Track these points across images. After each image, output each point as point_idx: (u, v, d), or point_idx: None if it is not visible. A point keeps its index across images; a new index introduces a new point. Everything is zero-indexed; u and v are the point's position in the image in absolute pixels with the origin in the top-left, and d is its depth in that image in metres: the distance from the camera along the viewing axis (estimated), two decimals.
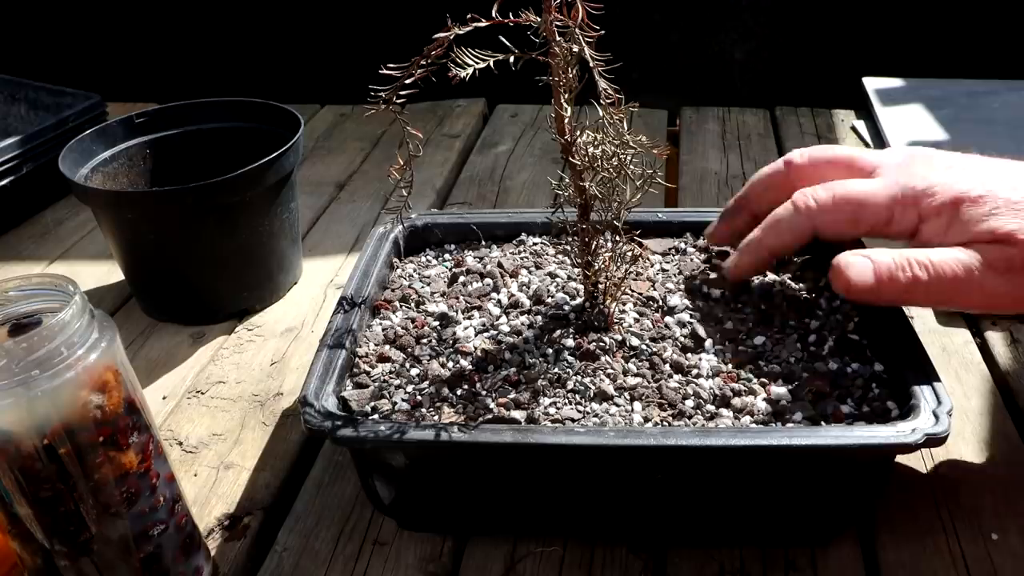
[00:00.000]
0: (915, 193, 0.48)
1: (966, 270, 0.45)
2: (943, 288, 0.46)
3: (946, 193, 0.47)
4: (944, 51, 1.14)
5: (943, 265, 0.46)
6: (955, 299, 0.47)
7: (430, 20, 0.44)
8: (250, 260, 0.70)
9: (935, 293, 0.46)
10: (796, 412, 0.46)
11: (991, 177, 0.47)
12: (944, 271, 0.46)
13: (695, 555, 0.47)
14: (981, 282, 0.45)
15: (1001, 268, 0.45)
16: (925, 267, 0.46)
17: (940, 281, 0.45)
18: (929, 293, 0.46)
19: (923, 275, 0.46)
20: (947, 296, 0.46)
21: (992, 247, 0.45)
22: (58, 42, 1.34)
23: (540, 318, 0.53)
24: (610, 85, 0.43)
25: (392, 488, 0.48)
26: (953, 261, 0.46)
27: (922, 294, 0.46)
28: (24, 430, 0.36)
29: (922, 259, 0.46)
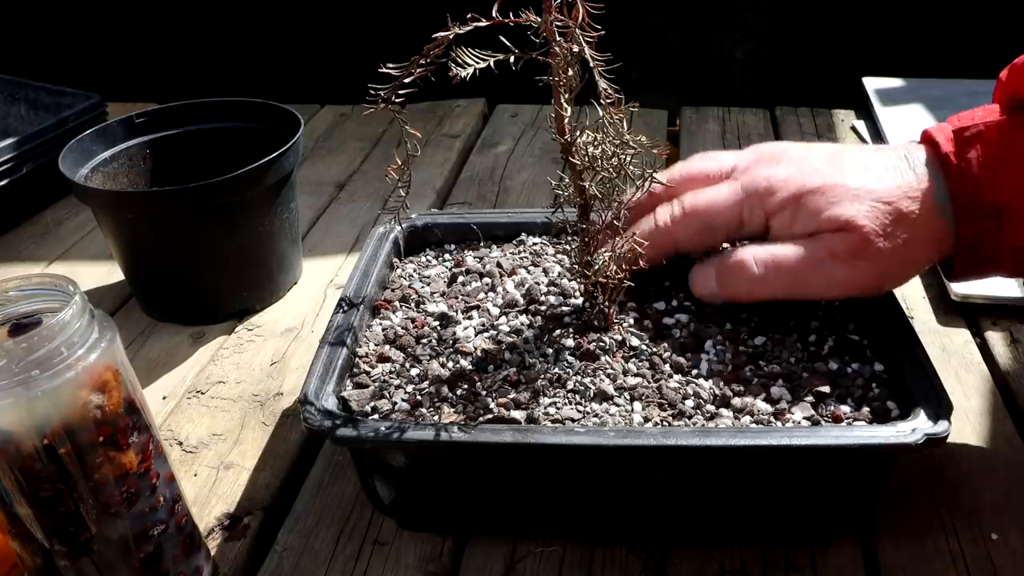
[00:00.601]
0: (758, 192, 0.50)
1: (809, 260, 0.47)
2: (787, 280, 0.48)
3: (788, 188, 0.49)
4: (944, 51, 1.14)
5: (785, 258, 0.48)
6: (801, 289, 0.49)
7: (430, 20, 0.44)
8: (250, 260, 0.70)
9: (781, 286, 0.49)
10: (796, 412, 0.46)
11: (830, 167, 0.49)
12: (787, 263, 0.48)
13: (695, 555, 0.47)
14: (825, 270, 0.47)
15: (844, 255, 0.47)
16: (764, 263, 0.48)
17: (786, 273, 0.48)
18: (774, 286, 0.49)
19: (762, 272, 0.48)
20: (793, 287, 0.49)
21: (835, 235, 0.47)
22: (58, 42, 1.34)
23: (540, 318, 0.53)
24: (610, 85, 0.43)
25: (392, 488, 0.48)
26: (795, 253, 0.48)
27: (768, 288, 0.49)
28: (24, 430, 0.36)
29: (763, 255, 0.49)
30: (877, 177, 0.48)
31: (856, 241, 0.47)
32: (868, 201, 0.47)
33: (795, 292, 0.49)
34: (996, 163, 0.46)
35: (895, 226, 0.47)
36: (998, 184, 0.46)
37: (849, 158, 0.50)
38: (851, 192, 0.47)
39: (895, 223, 0.47)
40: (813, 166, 0.50)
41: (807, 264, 0.48)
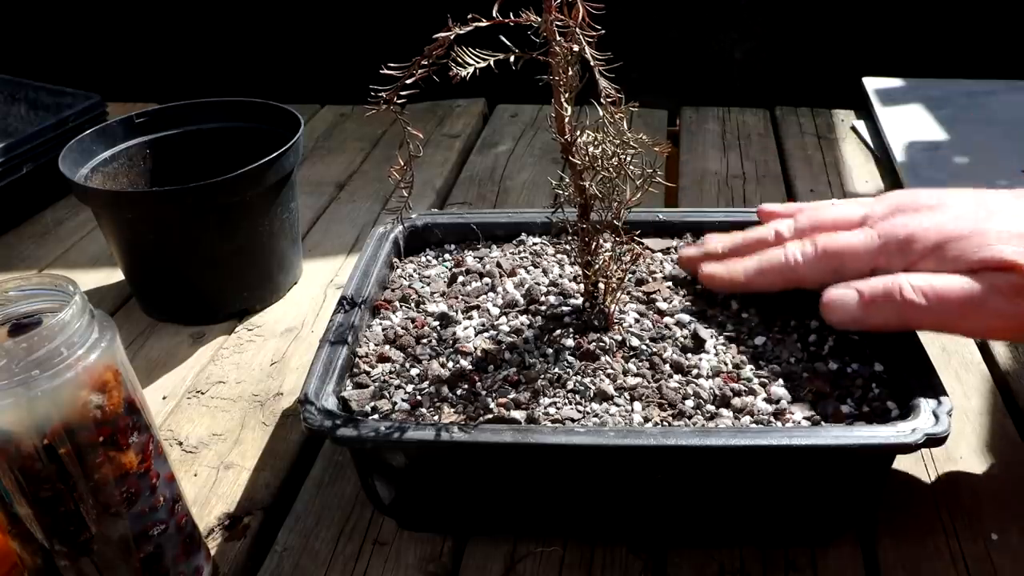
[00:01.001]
0: (898, 241, 0.49)
1: (972, 293, 0.46)
2: (944, 311, 0.46)
3: (929, 237, 0.48)
4: (944, 51, 1.14)
5: (946, 289, 0.46)
6: (959, 323, 0.47)
7: (430, 20, 0.44)
8: (250, 260, 0.70)
9: (935, 315, 0.46)
10: (796, 412, 0.46)
11: (973, 214, 0.48)
12: (947, 294, 0.46)
13: (695, 555, 0.47)
14: (988, 306, 0.45)
15: (1008, 292, 0.45)
16: (923, 291, 0.46)
17: (942, 303, 0.46)
18: (931, 318, 0.46)
19: (919, 299, 0.46)
20: (948, 319, 0.47)
21: (995, 274, 0.46)
22: (58, 42, 1.34)
23: (540, 318, 0.53)
24: (610, 85, 0.43)
25: (392, 488, 0.48)
26: (958, 284, 0.46)
27: (924, 318, 0.47)
28: (24, 430, 0.36)
29: (920, 283, 0.46)
30: (1022, 222, 0.47)
31: (1019, 280, 0.45)
32: (1021, 243, 0.46)
33: (952, 325, 0.47)
34: None
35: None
36: None
37: (992, 205, 0.49)
38: (1000, 235, 0.46)
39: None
40: (955, 213, 0.49)
41: (971, 299, 0.46)
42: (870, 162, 0.93)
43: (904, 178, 0.86)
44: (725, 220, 0.62)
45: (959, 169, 0.87)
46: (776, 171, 0.93)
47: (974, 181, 0.85)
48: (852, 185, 0.89)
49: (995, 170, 0.86)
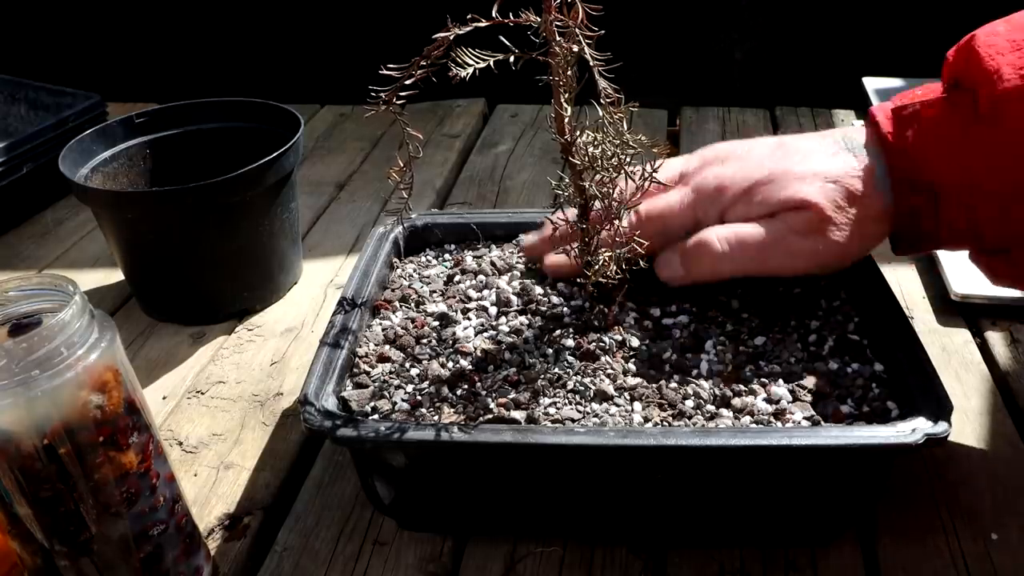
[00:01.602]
0: (709, 193, 0.52)
1: (771, 236, 0.50)
2: (751, 255, 0.50)
3: (737, 183, 0.51)
4: (944, 51, 1.14)
5: (748, 235, 0.50)
6: (765, 264, 0.51)
7: (430, 20, 0.44)
8: (250, 260, 0.70)
9: (745, 262, 0.50)
10: (796, 412, 0.46)
11: (774, 158, 0.52)
12: (747, 239, 0.50)
13: (695, 555, 0.47)
14: (787, 246, 0.50)
15: (804, 230, 0.49)
16: (727, 240, 0.50)
17: (744, 249, 0.50)
18: (739, 263, 0.50)
19: (724, 248, 0.50)
20: (757, 263, 0.50)
21: (793, 213, 0.49)
22: (58, 42, 1.34)
23: (540, 318, 0.53)
24: (610, 85, 0.43)
25: (392, 488, 0.48)
26: (757, 230, 0.50)
27: (732, 264, 0.50)
28: (24, 430, 0.36)
29: (724, 233, 0.50)
30: (821, 161, 0.50)
31: (814, 217, 0.49)
32: (818, 181, 0.49)
33: (759, 268, 0.51)
34: (930, 141, 0.48)
35: (846, 202, 0.49)
36: (932, 161, 0.48)
37: (791, 147, 0.52)
38: (800, 175, 0.50)
39: (845, 200, 0.49)
40: (758, 160, 0.52)
41: (770, 240, 0.50)
42: None
43: None
44: None
45: None
46: None
47: None
48: None
49: None
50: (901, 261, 0.72)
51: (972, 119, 0.47)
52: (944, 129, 0.48)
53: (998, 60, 0.46)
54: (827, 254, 0.50)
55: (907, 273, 0.72)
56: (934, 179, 0.48)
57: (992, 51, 0.46)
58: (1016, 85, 0.45)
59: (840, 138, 0.51)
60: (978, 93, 0.46)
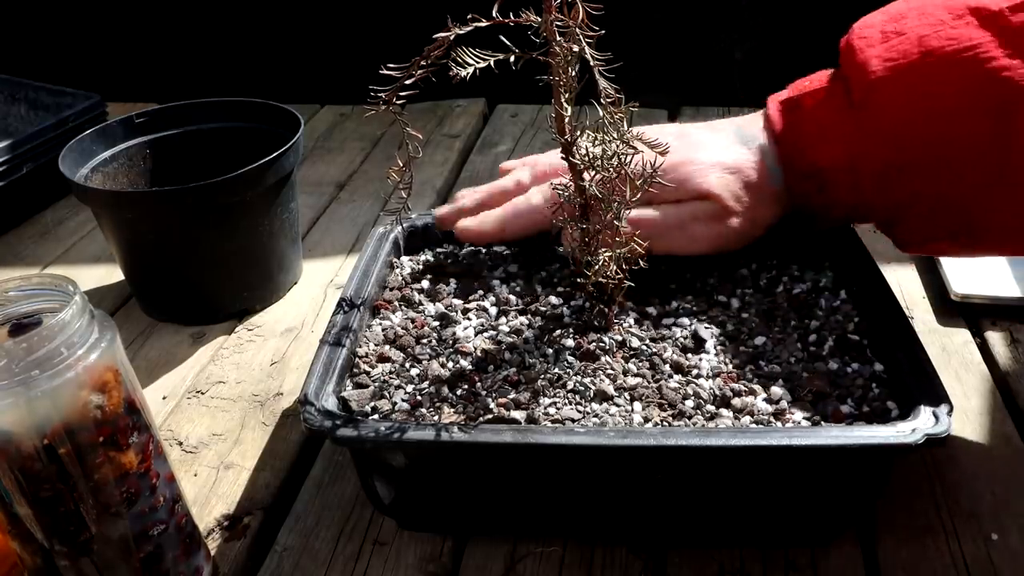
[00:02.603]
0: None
1: (673, 220, 0.54)
2: (647, 235, 0.50)
3: None
4: None
5: (649, 219, 0.53)
6: (662, 244, 0.53)
7: (430, 20, 0.44)
8: (250, 260, 0.70)
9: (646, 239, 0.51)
10: (796, 412, 0.46)
11: (686, 147, 0.55)
12: (647, 222, 0.53)
13: (695, 555, 0.47)
14: (688, 230, 0.54)
15: (705, 218, 0.54)
16: (636, 222, 0.52)
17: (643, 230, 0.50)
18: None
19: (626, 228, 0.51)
20: (654, 242, 0.51)
21: (698, 203, 0.54)
22: (58, 42, 1.34)
23: (540, 318, 0.53)
24: (610, 84, 0.43)
25: (392, 488, 0.48)
26: (659, 214, 0.54)
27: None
28: (24, 430, 0.36)
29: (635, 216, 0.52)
30: (718, 152, 0.55)
31: (716, 207, 0.53)
32: (717, 172, 0.54)
33: (655, 247, 0.52)
34: (813, 128, 0.53)
35: (742, 191, 0.54)
36: (817, 146, 0.52)
37: (692, 139, 0.56)
38: (700, 165, 0.54)
39: (742, 189, 0.54)
40: (674, 147, 0.53)
41: (671, 223, 0.54)
42: None
43: None
44: None
45: None
46: None
47: None
48: None
49: None
50: (901, 261, 0.72)
51: (847, 105, 0.51)
52: (824, 115, 0.53)
53: (867, 52, 0.51)
54: (725, 238, 0.54)
55: (907, 273, 0.72)
56: (819, 162, 0.52)
57: (863, 43, 0.52)
58: (881, 76, 0.50)
59: (734, 131, 0.56)
60: (850, 82, 0.52)
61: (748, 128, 0.56)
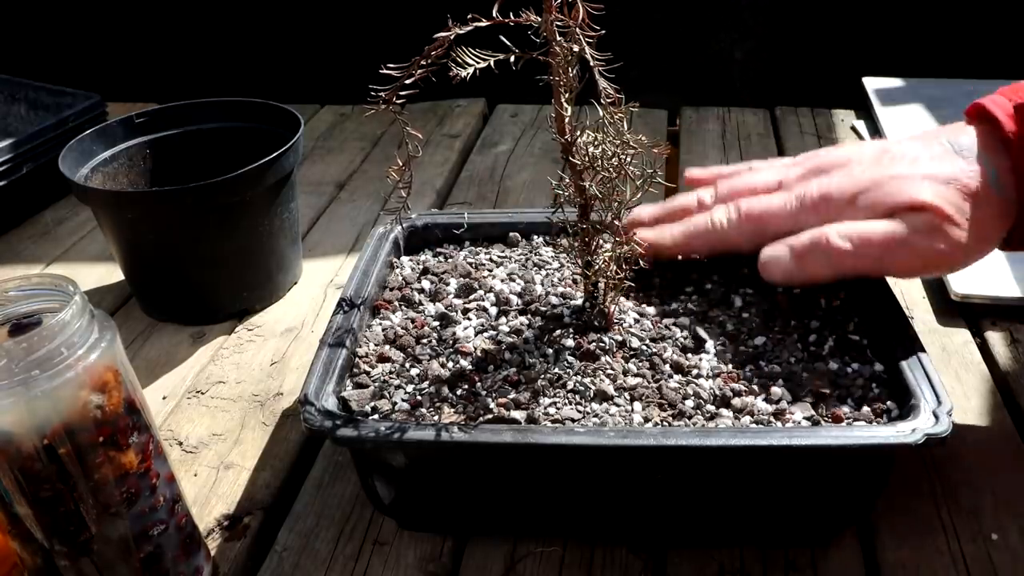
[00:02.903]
0: (814, 201, 0.52)
1: (894, 235, 0.49)
2: (870, 253, 0.49)
3: (842, 193, 0.51)
4: (944, 51, 1.14)
5: (869, 232, 0.49)
6: (887, 264, 0.50)
7: (430, 20, 0.44)
8: (250, 260, 0.70)
9: (862, 259, 0.49)
10: (796, 412, 0.46)
11: (879, 166, 0.51)
12: (871, 236, 0.49)
13: (695, 555, 0.47)
14: (910, 246, 0.49)
15: (925, 230, 0.48)
16: (848, 236, 0.49)
17: (867, 246, 0.49)
18: (861, 262, 0.49)
19: (845, 244, 0.49)
20: (875, 261, 0.49)
21: (911, 215, 0.49)
22: (58, 42, 1.34)
23: (540, 318, 0.53)
24: (610, 85, 0.43)
25: (392, 488, 0.48)
26: (880, 228, 0.49)
27: (853, 263, 0.49)
28: (24, 430, 0.36)
29: (845, 229, 0.49)
30: (929, 164, 0.50)
31: (935, 217, 0.48)
32: (933, 184, 0.49)
33: (878, 267, 0.50)
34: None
35: (963, 204, 0.48)
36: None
37: (896, 153, 0.52)
38: (910, 178, 0.49)
39: (963, 201, 0.48)
40: (862, 168, 0.52)
41: (893, 239, 0.49)
42: None
43: None
44: None
45: None
46: None
47: None
48: None
49: None
50: None
51: None
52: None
53: None
54: (950, 254, 0.49)
55: None
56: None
57: None
58: None
59: (945, 141, 0.51)
60: None
61: (958, 137, 0.51)
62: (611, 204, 0.49)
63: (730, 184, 0.57)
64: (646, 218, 0.58)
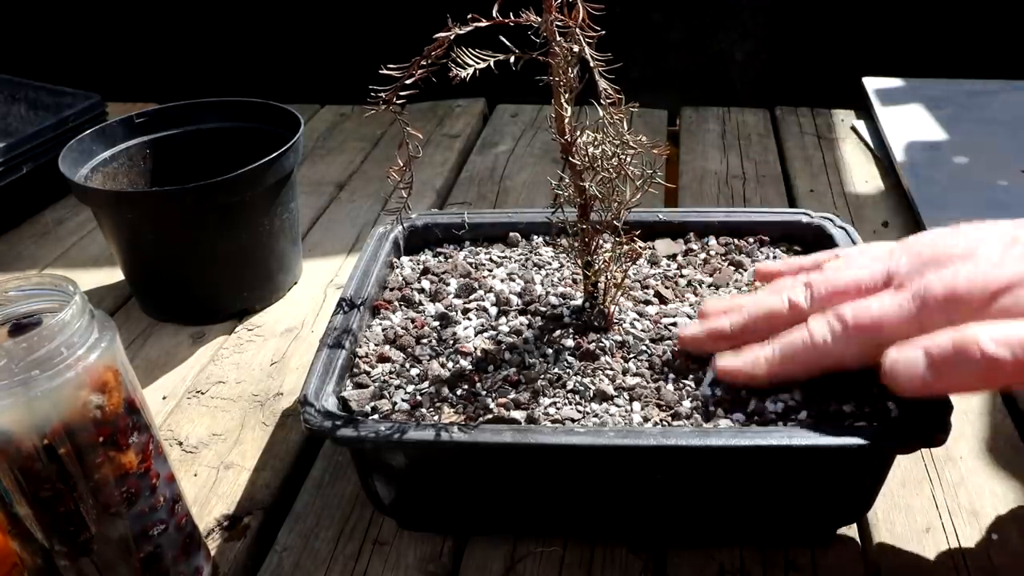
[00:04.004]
0: (938, 302, 0.42)
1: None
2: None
3: (973, 292, 0.42)
4: (944, 51, 1.14)
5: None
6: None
7: (430, 20, 0.44)
8: (250, 260, 0.70)
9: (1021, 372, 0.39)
10: (796, 412, 0.45)
11: (1010, 259, 0.42)
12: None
13: (695, 555, 0.47)
14: None
15: None
16: (1008, 343, 0.38)
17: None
18: (1019, 372, 0.38)
19: (1005, 354, 0.38)
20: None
21: None
22: (58, 42, 1.34)
23: (540, 318, 0.53)
24: (610, 85, 0.43)
25: (392, 488, 0.48)
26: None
27: (1008, 374, 0.39)
28: (24, 430, 0.36)
29: (1002, 334, 0.39)
30: None
31: None
32: None
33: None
34: None
35: None
36: None
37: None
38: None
39: None
40: (992, 259, 0.43)
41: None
42: (870, 162, 0.93)
43: (904, 178, 0.86)
44: (726, 220, 0.62)
45: (959, 169, 0.87)
46: (776, 171, 0.93)
47: (974, 181, 0.85)
48: (852, 185, 0.89)
49: (995, 170, 0.86)
50: None
51: None
52: None
53: None
54: None
55: None
56: None
57: None
58: None
59: None
60: None
61: None
62: (611, 204, 0.49)
63: (826, 281, 0.47)
64: (728, 328, 0.48)
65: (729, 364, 0.46)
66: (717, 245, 0.61)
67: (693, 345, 0.49)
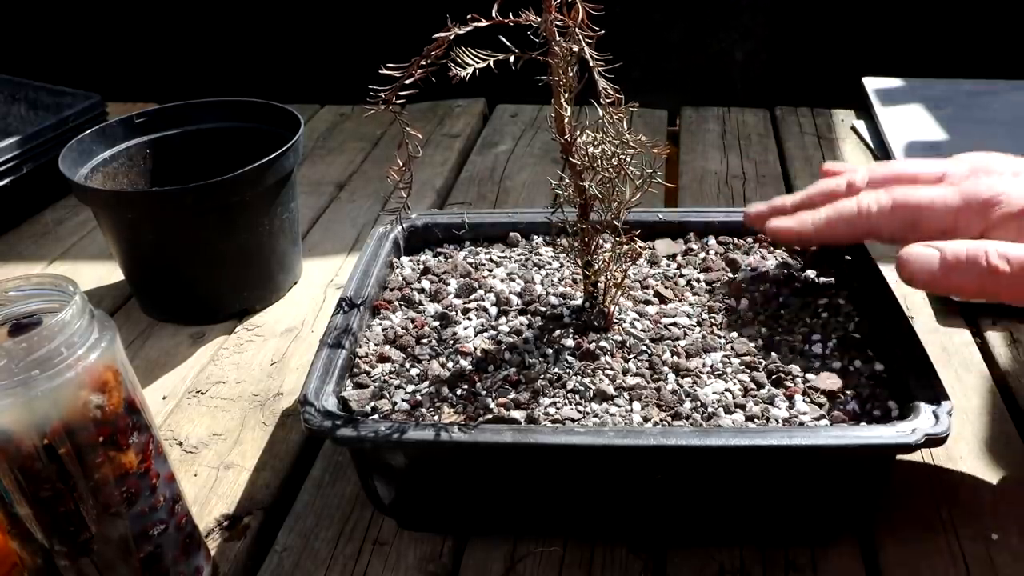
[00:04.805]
0: (980, 203, 0.47)
1: None
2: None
3: (1013, 202, 0.46)
4: (944, 51, 1.14)
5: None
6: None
7: (430, 20, 0.44)
8: (250, 260, 0.70)
9: (1020, 286, 0.44)
10: (797, 412, 0.45)
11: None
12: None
13: (695, 555, 0.47)
14: None
15: None
16: (1008, 259, 0.44)
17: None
18: (1012, 286, 0.44)
19: (1005, 266, 0.43)
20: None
21: None
22: (58, 42, 1.34)
23: (540, 318, 0.53)
24: (610, 85, 0.43)
25: (392, 488, 0.48)
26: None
27: (1002, 285, 0.44)
28: (24, 430, 0.36)
29: (1008, 251, 0.44)
30: None
31: None
32: None
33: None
34: None
35: None
36: None
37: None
38: None
39: None
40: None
41: None
42: (870, 162, 0.93)
43: None
44: (726, 220, 0.62)
45: None
46: (776, 171, 0.93)
47: None
48: None
49: None
50: None
51: None
52: None
53: None
54: None
55: None
56: None
57: None
58: None
59: None
60: None
61: None
62: (611, 204, 0.49)
63: (887, 169, 0.52)
64: (788, 205, 0.54)
65: (780, 223, 0.52)
66: (717, 245, 0.61)
67: (757, 221, 0.55)
